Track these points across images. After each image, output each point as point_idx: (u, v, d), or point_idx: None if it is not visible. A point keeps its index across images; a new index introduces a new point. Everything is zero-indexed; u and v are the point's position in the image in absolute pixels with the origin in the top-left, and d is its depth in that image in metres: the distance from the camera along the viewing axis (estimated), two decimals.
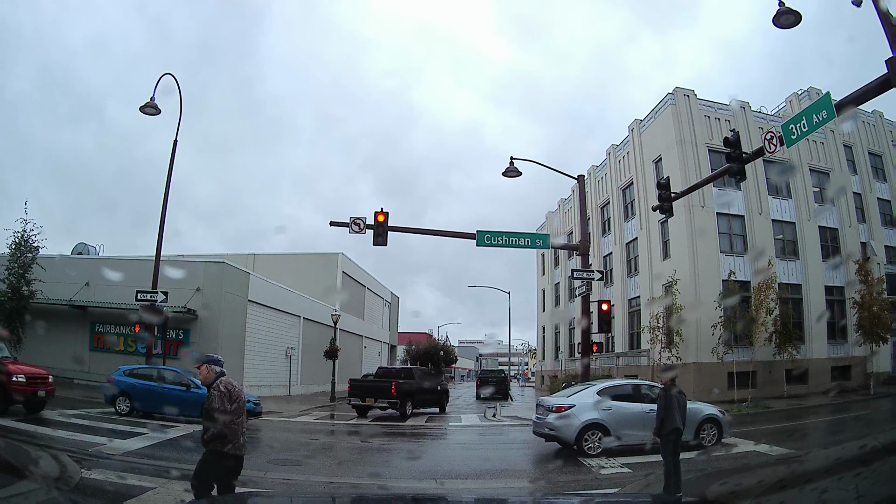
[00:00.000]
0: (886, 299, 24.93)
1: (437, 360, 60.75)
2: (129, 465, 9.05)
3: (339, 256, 41.87)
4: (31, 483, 3.22)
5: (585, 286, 18.59)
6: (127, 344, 23.61)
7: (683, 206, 23.54)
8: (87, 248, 30.70)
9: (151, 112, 18.83)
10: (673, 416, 7.85)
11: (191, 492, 5.11)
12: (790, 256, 28.22)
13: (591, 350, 20.54)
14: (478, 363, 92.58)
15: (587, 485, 9.38)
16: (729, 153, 13.17)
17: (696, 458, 10.57)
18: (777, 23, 11.62)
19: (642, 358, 29.01)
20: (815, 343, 26.84)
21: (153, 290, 19.29)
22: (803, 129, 11.12)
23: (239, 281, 26.62)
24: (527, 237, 19.50)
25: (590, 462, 10.93)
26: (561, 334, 43.25)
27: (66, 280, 23.08)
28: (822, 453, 8.72)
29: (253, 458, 10.12)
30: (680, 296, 24.82)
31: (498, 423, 19.95)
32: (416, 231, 19.32)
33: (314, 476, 9.77)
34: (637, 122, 32.20)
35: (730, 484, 4.79)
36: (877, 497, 2.78)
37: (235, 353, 25.66)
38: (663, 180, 16.39)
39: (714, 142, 26.33)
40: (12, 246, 20.35)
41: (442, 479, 9.77)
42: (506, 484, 9.78)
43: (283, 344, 30.73)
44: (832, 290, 28.40)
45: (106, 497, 6.76)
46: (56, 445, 9.81)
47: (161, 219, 20.01)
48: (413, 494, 9.09)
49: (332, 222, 17.78)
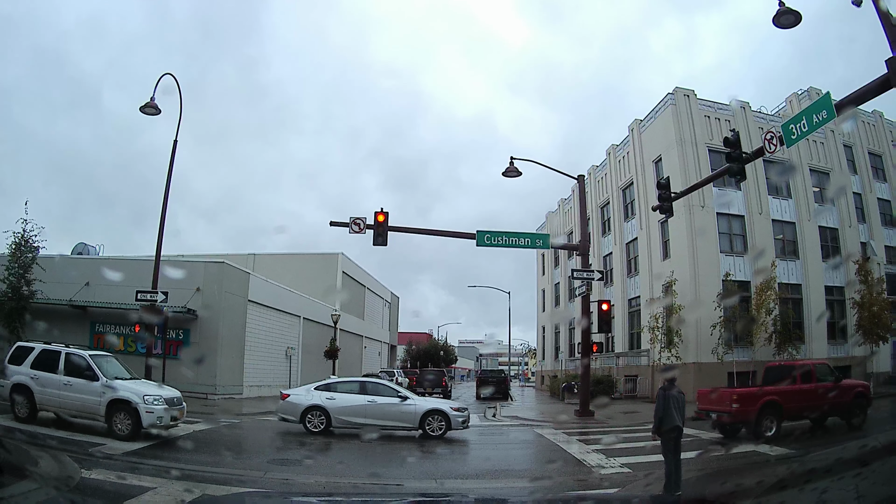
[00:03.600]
0: (886, 299, 24.91)
1: (437, 360, 60.81)
2: (129, 465, 9.06)
3: (339, 256, 41.91)
4: (31, 483, 3.23)
5: (585, 286, 18.61)
6: (127, 344, 23.61)
7: (683, 206, 23.54)
8: (87, 248, 30.72)
9: (151, 112, 18.82)
10: (671, 415, 7.88)
11: (191, 492, 5.11)
12: (790, 256, 28.22)
13: (591, 350, 20.58)
14: (478, 363, 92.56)
15: (587, 485, 9.39)
16: (729, 153, 13.20)
17: (696, 458, 10.57)
18: (777, 23, 11.64)
19: (642, 358, 29.00)
20: (815, 343, 26.82)
21: (153, 290, 19.27)
22: (803, 129, 11.14)
23: (239, 281, 26.62)
24: (527, 237, 19.52)
25: (590, 461, 10.94)
26: (561, 334, 43.25)
27: (66, 280, 23.07)
28: (822, 453, 8.73)
29: (253, 458, 10.16)
30: (680, 296, 24.82)
31: (498, 423, 19.96)
32: (416, 231, 19.34)
33: (314, 476, 9.76)
34: (637, 121, 32.21)
35: (730, 484, 4.80)
36: (877, 497, 2.79)
37: (235, 353, 25.67)
38: (663, 180, 16.42)
39: (714, 142, 26.33)
40: (12, 246, 20.33)
41: (442, 478, 9.78)
42: (506, 484, 9.78)
43: (283, 344, 30.74)
44: (832, 290, 28.39)
45: (106, 497, 6.76)
46: (56, 445, 9.81)
47: (161, 219, 20.01)
48: (413, 494, 9.10)
49: (332, 222, 17.83)
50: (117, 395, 11.81)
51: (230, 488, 7.98)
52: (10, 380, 12.34)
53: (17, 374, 12.37)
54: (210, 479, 8.44)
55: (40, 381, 12.24)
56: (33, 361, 12.49)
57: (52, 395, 12.19)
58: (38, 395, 12.19)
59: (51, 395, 12.20)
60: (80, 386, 12.01)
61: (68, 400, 12.08)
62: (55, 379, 12.22)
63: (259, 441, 14.63)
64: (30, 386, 12.19)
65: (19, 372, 12.39)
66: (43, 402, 12.23)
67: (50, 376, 12.27)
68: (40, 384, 12.22)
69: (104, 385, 11.97)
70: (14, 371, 12.44)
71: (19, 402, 12.20)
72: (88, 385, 11.99)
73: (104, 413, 11.69)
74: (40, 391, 12.19)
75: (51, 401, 12.22)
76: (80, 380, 12.10)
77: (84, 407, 12.00)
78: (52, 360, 12.55)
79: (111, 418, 11.63)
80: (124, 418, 11.59)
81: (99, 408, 11.76)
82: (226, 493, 7.60)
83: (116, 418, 11.61)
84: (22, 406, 12.18)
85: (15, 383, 12.27)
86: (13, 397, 12.26)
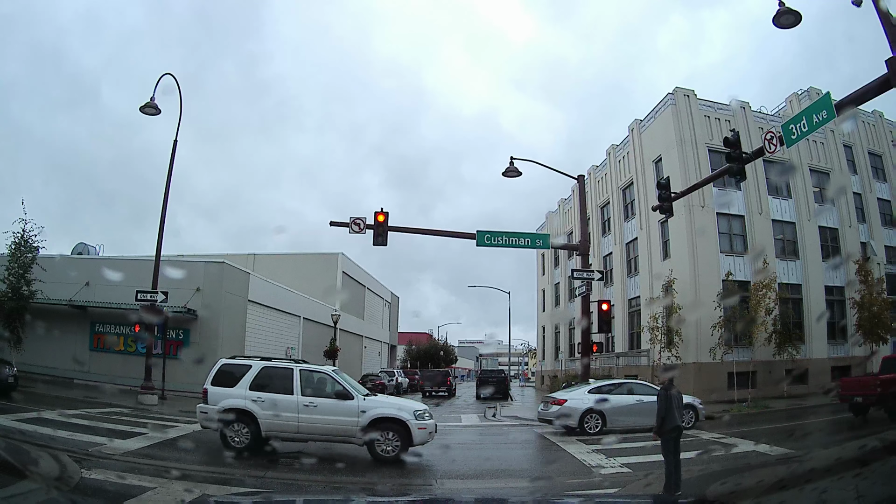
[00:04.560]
0: (886, 299, 24.90)
1: (437, 361, 60.83)
2: (129, 465, 9.05)
3: (339, 256, 41.92)
4: (31, 483, 3.23)
5: (585, 286, 18.60)
6: (127, 344, 23.64)
7: (683, 206, 23.54)
8: (87, 248, 30.73)
9: (151, 112, 18.86)
10: (673, 415, 7.89)
11: (191, 492, 5.11)
12: (790, 256, 28.21)
13: (591, 350, 20.55)
14: (478, 363, 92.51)
15: (587, 485, 9.39)
16: (729, 153, 13.19)
17: (696, 457, 10.57)
18: (777, 23, 11.63)
19: (642, 358, 29.00)
20: (815, 343, 26.83)
21: (153, 290, 19.29)
22: (803, 129, 11.13)
23: (239, 281, 26.62)
24: (527, 237, 19.52)
25: (590, 462, 10.94)
26: (561, 334, 43.24)
27: (66, 280, 23.08)
28: (822, 453, 8.73)
29: (253, 458, 10.14)
30: (679, 296, 24.81)
31: (498, 423, 19.96)
32: (416, 231, 19.33)
33: (314, 476, 9.76)
34: (637, 121, 32.21)
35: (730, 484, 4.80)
36: (877, 497, 2.79)
37: (235, 352, 25.59)
38: (663, 180, 16.41)
39: (714, 142, 26.32)
40: (12, 246, 20.34)
41: (442, 479, 9.77)
42: (506, 484, 9.78)
43: (283, 344, 30.73)
44: (832, 290, 28.39)
45: (106, 497, 6.76)
46: (56, 445, 9.80)
47: (161, 219, 20.04)
48: (414, 494, 9.11)
49: (332, 222, 17.82)
50: (381, 412, 10.75)
51: (230, 488, 7.99)
52: (218, 405, 10.81)
53: (231, 397, 10.87)
54: (210, 479, 8.44)
55: (267, 403, 10.73)
56: (252, 382, 11.06)
57: (286, 419, 10.67)
58: (266, 421, 10.65)
59: (285, 420, 10.66)
60: (329, 406, 10.72)
61: (311, 423, 10.69)
62: (291, 401, 10.80)
63: None
64: (251, 410, 10.62)
65: (232, 395, 10.88)
66: (272, 427, 10.69)
67: (282, 398, 10.82)
68: (268, 407, 10.70)
69: (361, 403, 10.85)
70: (225, 394, 10.95)
71: (236, 430, 10.62)
72: (340, 405, 10.74)
73: (361, 433, 10.52)
74: (269, 416, 10.65)
75: (285, 426, 10.70)
76: (328, 399, 10.84)
77: (335, 430, 10.71)
78: (280, 379, 11.17)
79: (372, 439, 10.50)
80: (392, 438, 10.53)
81: (356, 429, 10.55)
82: (226, 493, 7.61)
83: (381, 438, 10.53)
84: (239, 434, 10.61)
85: (229, 408, 10.68)
86: (227, 424, 10.58)
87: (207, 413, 10.96)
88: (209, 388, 11.21)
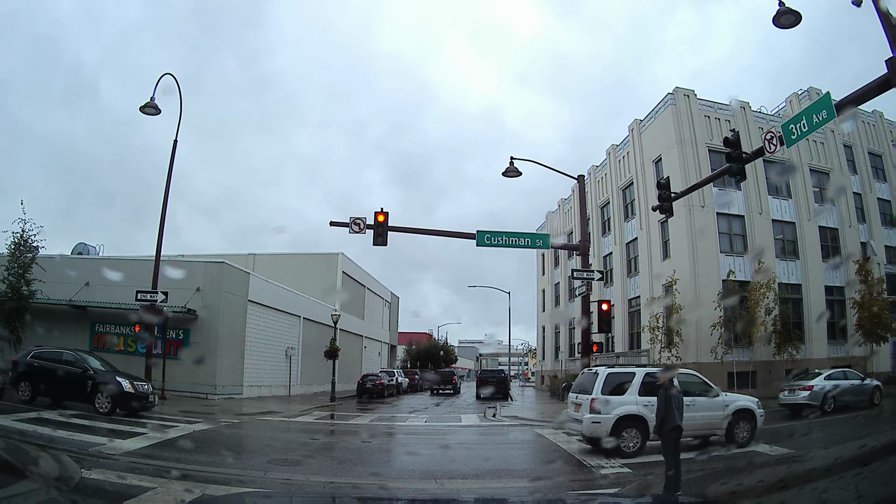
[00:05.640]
0: (886, 299, 24.93)
1: (437, 360, 60.86)
2: (129, 465, 9.04)
3: (339, 256, 41.91)
4: (31, 483, 3.22)
5: (585, 286, 18.59)
6: (127, 344, 23.60)
7: (683, 206, 23.54)
8: (86, 248, 30.74)
9: (151, 112, 18.84)
10: (673, 415, 7.88)
11: (191, 492, 5.11)
12: (790, 256, 28.22)
13: (591, 350, 20.50)
14: (478, 363, 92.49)
15: (587, 485, 9.39)
16: (729, 153, 13.16)
17: (696, 458, 10.56)
18: (777, 23, 11.61)
19: (642, 358, 28.96)
20: (815, 343, 26.83)
21: (153, 290, 19.29)
22: (803, 129, 11.11)
23: (239, 281, 26.62)
24: (527, 237, 19.49)
25: (590, 462, 10.94)
26: (561, 334, 43.25)
27: (66, 280, 23.08)
28: (822, 453, 8.73)
29: (253, 458, 10.15)
30: (680, 296, 24.82)
31: (498, 423, 19.95)
32: (416, 231, 19.30)
33: (314, 476, 9.76)
34: (637, 121, 32.21)
35: (730, 484, 4.79)
36: (877, 497, 2.79)
37: (235, 353, 25.66)
38: (663, 180, 16.39)
39: (714, 142, 26.34)
40: (12, 246, 20.33)
41: (442, 479, 9.76)
42: (506, 484, 9.76)
43: (283, 344, 30.73)
44: (832, 290, 28.41)
45: (106, 497, 6.75)
46: (56, 445, 9.80)
47: (161, 219, 20.04)
48: (413, 494, 9.10)
49: (332, 222, 17.78)
50: (739, 405, 12.48)
51: (230, 488, 7.97)
52: (612, 413, 11.68)
53: (625, 404, 11.80)
54: (210, 479, 8.43)
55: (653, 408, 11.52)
56: (640, 388, 12.00)
57: None
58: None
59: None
60: (703, 404, 12.11)
61: (691, 421, 11.10)
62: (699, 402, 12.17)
63: (259, 441, 14.63)
64: (643, 415, 11.56)
65: (625, 402, 11.84)
66: None
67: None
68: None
69: (724, 398, 12.47)
70: (619, 402, 11.85)
71: (631, 436, 11.61)
72: (711, 402, 12.28)
73: (725, 426, 12.07)
74: None
75: None
76: (701, 398, 12.21)
77: (707, 425, 12.07)
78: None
79: (732, 429, 12.07)
80: (745, 427, 12.22)
81: (722, 422, 12.09)
82: (226, 493, 7.60)
83: (738, 428, 12.15)
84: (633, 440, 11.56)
85: (624, 415, 11.62)
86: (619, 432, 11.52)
87: (601, 423, 11.70)
88: (605, 398, 11.93)
